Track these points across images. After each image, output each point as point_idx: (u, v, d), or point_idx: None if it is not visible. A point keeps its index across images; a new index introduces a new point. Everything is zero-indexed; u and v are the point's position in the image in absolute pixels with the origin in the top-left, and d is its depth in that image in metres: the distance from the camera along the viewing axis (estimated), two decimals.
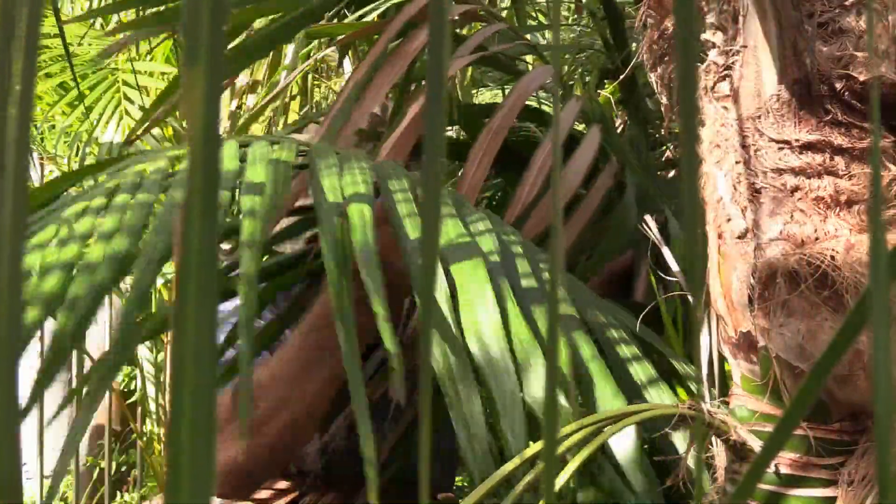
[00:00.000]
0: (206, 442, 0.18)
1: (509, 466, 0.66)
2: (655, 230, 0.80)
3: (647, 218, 0.81)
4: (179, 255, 0.18)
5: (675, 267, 0.81)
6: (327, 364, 0.90)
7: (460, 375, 0.71)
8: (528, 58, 1.61)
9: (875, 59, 0.64)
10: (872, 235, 0.19)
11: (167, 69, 2.78)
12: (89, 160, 2.82)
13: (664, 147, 1.60)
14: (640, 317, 0.86)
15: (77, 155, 2.89)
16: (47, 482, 3.26)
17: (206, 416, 0.18)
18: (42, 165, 3.42)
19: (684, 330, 0.95)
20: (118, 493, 3.36)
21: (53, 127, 3.23)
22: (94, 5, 3.08)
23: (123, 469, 3.44)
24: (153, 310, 2.67)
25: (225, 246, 1.18)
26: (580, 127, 1.34)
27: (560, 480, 0.68)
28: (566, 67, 2.61)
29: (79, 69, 2.87)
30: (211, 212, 0.18)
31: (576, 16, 2.36)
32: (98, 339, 2.90)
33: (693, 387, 0.87)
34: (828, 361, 0.22)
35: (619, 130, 1.57)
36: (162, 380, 3.07)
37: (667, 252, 0.82)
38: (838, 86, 0.65)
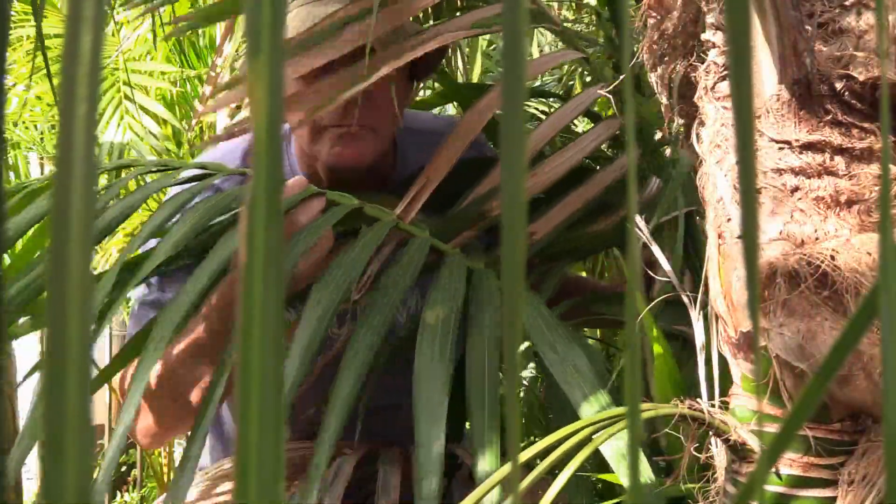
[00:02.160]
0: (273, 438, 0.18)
1: (505, 470, 0.66)
2: (645, 230, 0.80)
3: (637, 218, 0.81)
4: (244, 250, 0.18)
5: (666, 267, 0.81)
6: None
7: None
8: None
9: (877, 59, 0.64)
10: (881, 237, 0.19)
11: (167, 69, 2.78)
12: None
13: (664, 147, 1.60)
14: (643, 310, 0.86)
15: None
16: None
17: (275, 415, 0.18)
18: (42, 165, 3.42)
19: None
20: (118, 493, 3.36)
21: (53, 127, 3.23)
22: None
23: (123, 469, 3.44)
24: None
25: None
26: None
27: (559, 481, 0.68)
28: (565, 67, 2.61)
29: None
30: (275, 203, 0.18)
31: (577, 15, 2.35)
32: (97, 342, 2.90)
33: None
34: (832, 363, 0.22)
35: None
36: None
37: (658, 251, 0.82)
38: (838, 86, 0.65)
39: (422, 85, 1.54)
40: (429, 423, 0.84)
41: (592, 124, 1.22)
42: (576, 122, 1.39)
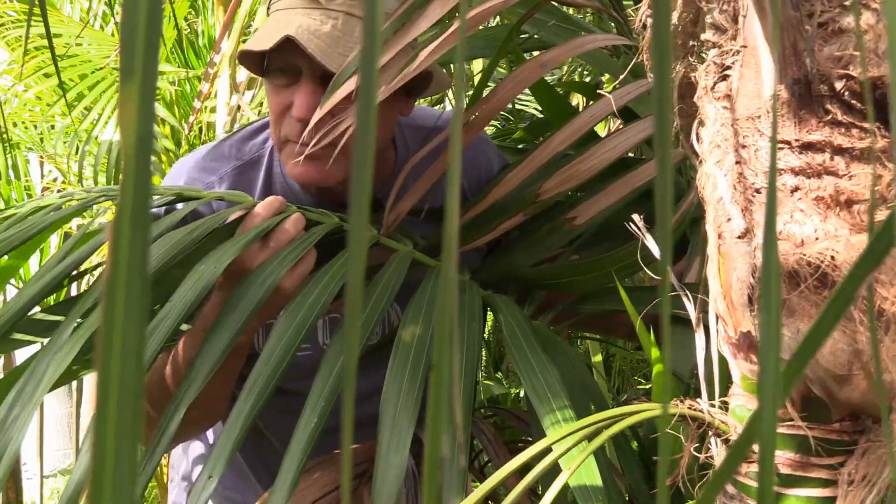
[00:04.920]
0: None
1: (502, 473, 0.66)
2: (643, 228, 0.80)
3: (635, 217, 0.81)
4: (108, 266, 0.19)
5: (669, 271, 0.80)
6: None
7: None
8: None
9: (876, 59, 0.64)
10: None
11: (166, 69, 2.78)
12: (89, 160, 2.82)
13: None
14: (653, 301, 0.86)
15: (77, 154, 2.89)
16: (47, 482, 3.26)
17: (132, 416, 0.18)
18: (42, 165, 3.42)
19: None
20: None
21: (53, 127, 3.23)
22: (94, 6, 3.07)
23: None
24: None
25: None
26: None
27: (560, 480, 0.68)
28: (565, 66, 2.61)
29: (79, 69, 2.87)
30: (142, 224, 0.18)
31: (577, 14, 2.35)
32: None
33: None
34: (811, 342, 0.23)
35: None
36: None
37: (655, 251, 0.81)
38: (838, 86, 0.64)
39: None
40: (391, 449, 0.83)
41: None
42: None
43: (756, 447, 0.64)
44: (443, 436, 0.20)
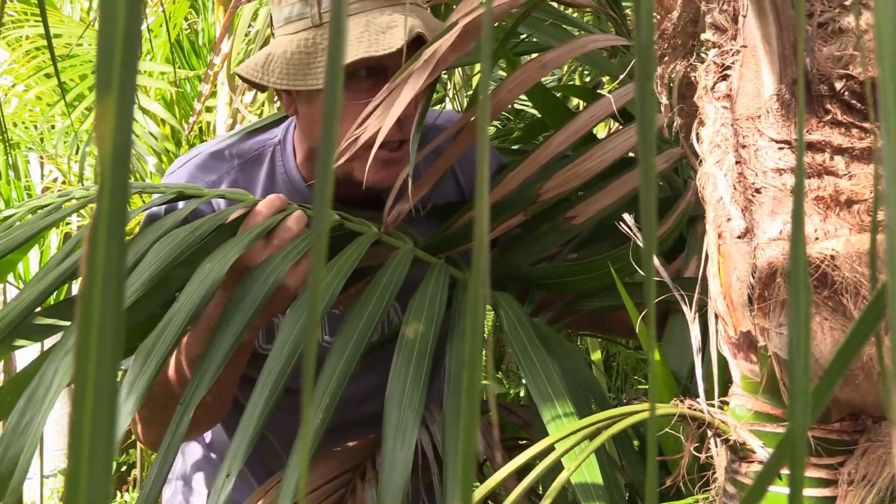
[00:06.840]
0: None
1: (503, 473, 0.66)
2: (635, 228, 0.79)
3: (626, 216, 0.81)
4: (83, 276, 0.19)
5: (660, 268, 0.80)
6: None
7: None
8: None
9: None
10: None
11: (167, 69, 2.78)
12: (89, 160, 2.82)
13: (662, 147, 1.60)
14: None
15: (77, 154, 2.89)
16: (47, 482, 3.26)
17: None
18: (42, 165, 3.42)
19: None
20: (118, 493, 3.36)
21: (53, 127, 3.23)
22: (94, 6, 3.07)
23: (123, 469, 3.44)
24: None
25: None
26: None
27: (560, 480, 0.68)
28: (565, 68, 2.61)
29: (79, 69, 2.87)
30: (118, 236, 0.19)
31: (576, 14, 2.35)
32: None
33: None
34: (837, 365, 0.22)
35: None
36: None
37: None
38: (838, 86, 0.64)
39: None
40: (396, 447, 0.83)
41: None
42: None
43: (757, 448, 0.64)
44: (477, 434, 0.20)
